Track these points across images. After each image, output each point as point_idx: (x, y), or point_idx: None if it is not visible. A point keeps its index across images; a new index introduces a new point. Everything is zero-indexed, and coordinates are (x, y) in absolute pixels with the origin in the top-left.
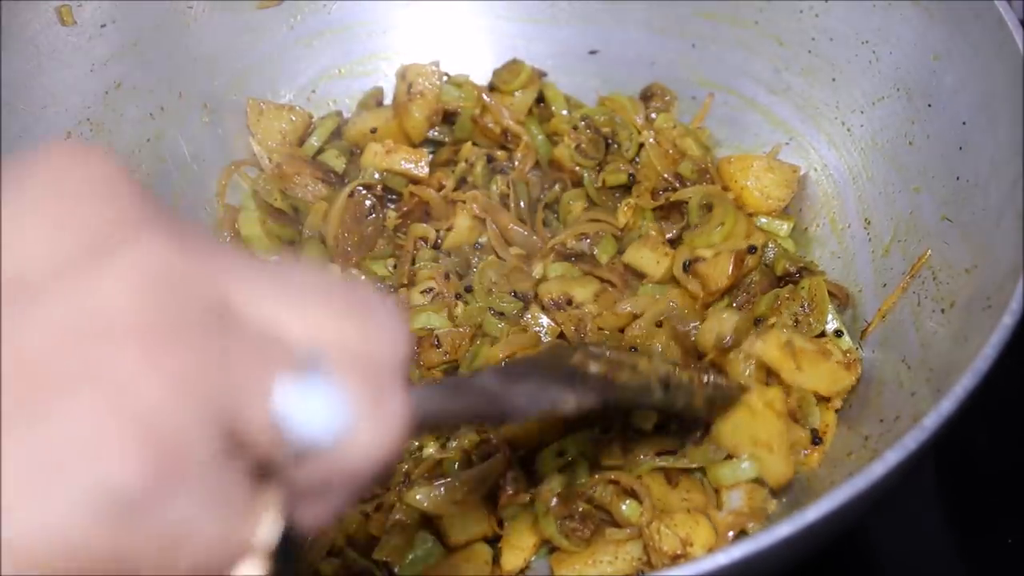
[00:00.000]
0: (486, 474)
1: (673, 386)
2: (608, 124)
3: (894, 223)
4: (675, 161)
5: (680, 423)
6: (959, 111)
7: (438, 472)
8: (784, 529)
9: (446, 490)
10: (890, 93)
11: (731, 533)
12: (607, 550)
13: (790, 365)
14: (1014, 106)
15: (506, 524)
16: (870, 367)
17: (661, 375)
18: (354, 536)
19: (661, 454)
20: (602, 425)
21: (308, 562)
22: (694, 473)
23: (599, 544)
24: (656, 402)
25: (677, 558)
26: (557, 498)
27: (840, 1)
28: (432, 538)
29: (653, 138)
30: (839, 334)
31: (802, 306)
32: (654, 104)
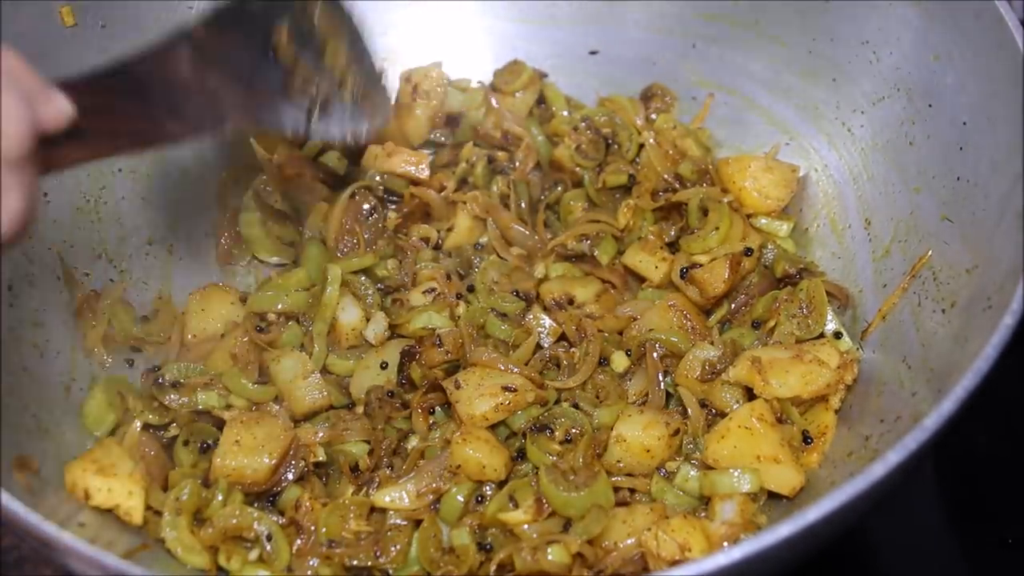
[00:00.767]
0: None
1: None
2: (608, 125)
3: (894, 223)
4: (675, 162)
5: None
6: (959, 111)
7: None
8: (785, 529)
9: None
10: (890, 93)
11: (725, 544)
12: None
13: (758, 381)
14: (1014, 106)
15: None
16: (870, 367)
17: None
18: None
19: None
20: None
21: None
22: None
23: None
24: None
25: (675, 563)
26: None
27: (840, 1)
28: None
29: (653, 139)
30: (838, 335)
31: (801, 308)
32: (655, 104)
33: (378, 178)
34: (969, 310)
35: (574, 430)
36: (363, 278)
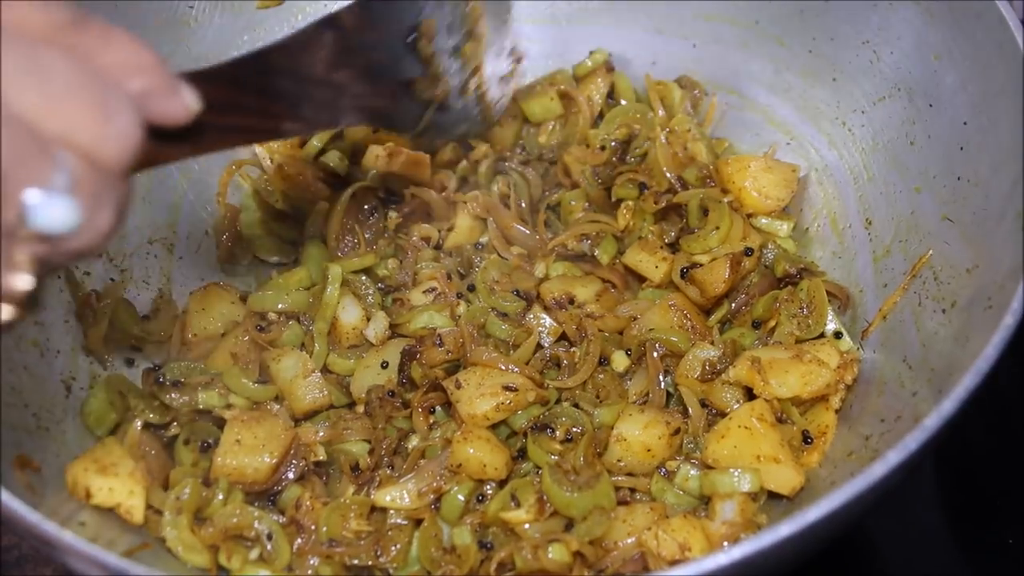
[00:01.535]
0: None
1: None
2: (629, 128)
3: (895, 223)
4: (682, 164)
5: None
6: (960, 111)
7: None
8: (785, 529)
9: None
10: (891, 93)
11: (725, 544)
12: None
13: (758, 381)
14: (1015, 106)
15: None
16: (871, 367)
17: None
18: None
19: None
20: None
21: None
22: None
23: None
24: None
25: (675, 563)
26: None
27: (841, 1)
28: None
29: (665, 137)
30: (838, 335)
31: (801, 308)
32: (686, 93)
33: (379, 178)
34: (970, 310)
35: (575, 429)
36: (364, 278)
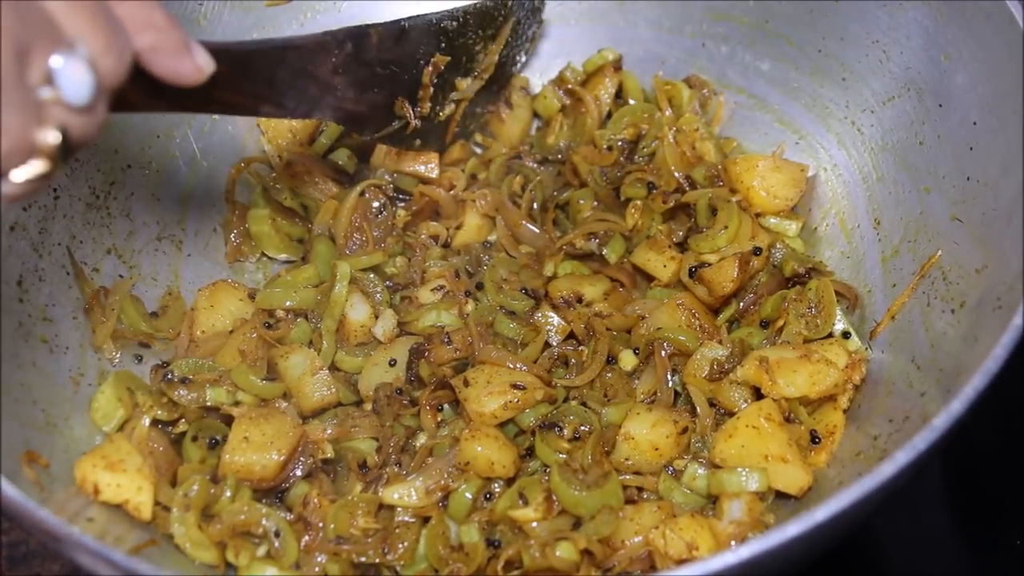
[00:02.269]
0: None
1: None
2: (636, 127)
3: (904, 223)
4: (690, 164)
5: None
6: (970, 111)
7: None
8: (793, 528)
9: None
10: (900, 93)
11: (733, 543)
12: None
13: (766, 380)
14: None
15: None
16: (879, 367)
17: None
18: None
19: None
20: None
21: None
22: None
23: None
24: None
25: (683, 563)
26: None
27: (850, 1)
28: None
29: (673, 137)
30: (847, 335)
31: (809, 307)
32: (695, 92)
33: (388, 176)
34: (979, 310)
35: (583, 428)
36: (372, 275)
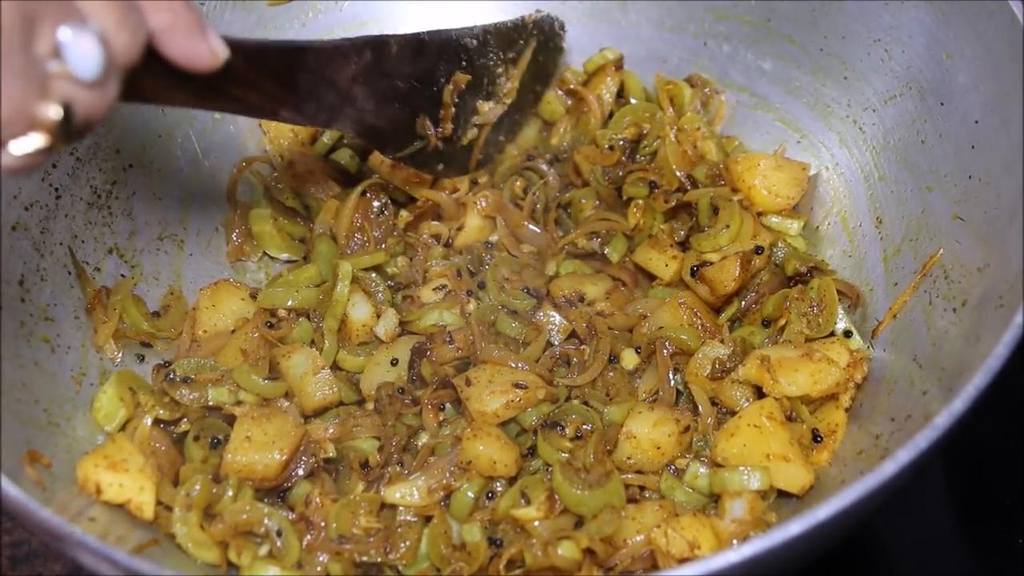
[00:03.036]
0: None
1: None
2: (638, 127)
3: (906, 222)
4: (692, 163)
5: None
6: (971, 110)
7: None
8: (795, 527)
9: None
10: (902, 92)
11: (734, 542)
12: None
13: (767, 379)
14: None
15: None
16: (881, 366)
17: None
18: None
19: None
20: None
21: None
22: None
23: None
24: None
25: (684, 562)
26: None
27: (852, 0)
28: None
29: (675, 136)
30: (848, 334)
31: (811, 306)
32: (697, 91)
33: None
34: (981, 309)
35: (585, 427)
36: (374, 275)
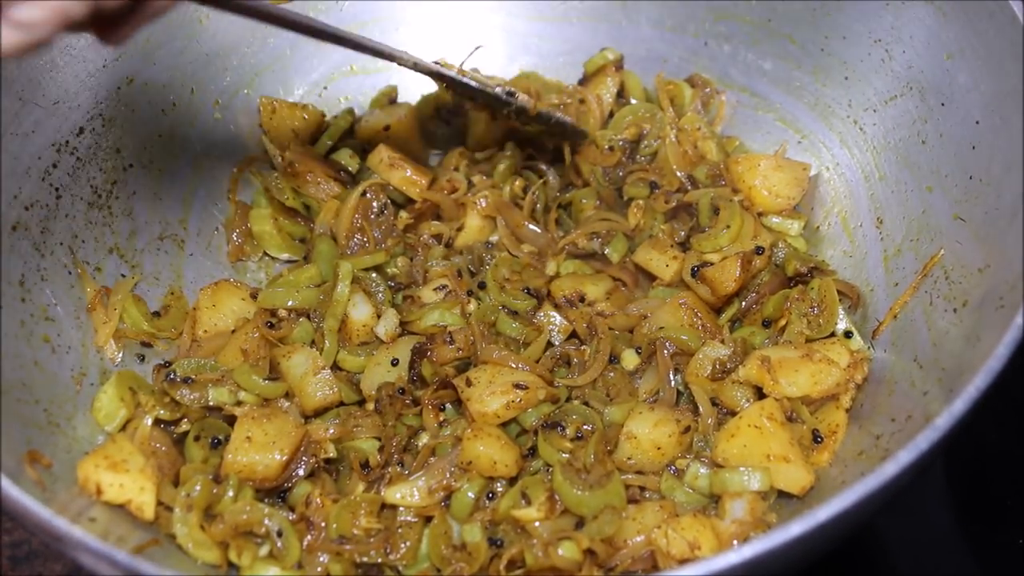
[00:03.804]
0: None
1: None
2: (638, 127)
3: (906, 222)
4: (692, 163)
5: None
6: (972, 110)
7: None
8: (795, 528)
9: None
10: (903, 92)
11: (735, 542)
12: None
13: (768, 380)
14: None
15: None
16: (881, 367)
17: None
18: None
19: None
20: None
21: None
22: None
23: None
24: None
25: (685, 562)
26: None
27: (853, 0)
28: None
29: (675, 136)
30: (849, 334)
31: (812, 307)
32: (697, 91)
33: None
34: (981, 309)
35: (585, 427)
36: (374, 275)
